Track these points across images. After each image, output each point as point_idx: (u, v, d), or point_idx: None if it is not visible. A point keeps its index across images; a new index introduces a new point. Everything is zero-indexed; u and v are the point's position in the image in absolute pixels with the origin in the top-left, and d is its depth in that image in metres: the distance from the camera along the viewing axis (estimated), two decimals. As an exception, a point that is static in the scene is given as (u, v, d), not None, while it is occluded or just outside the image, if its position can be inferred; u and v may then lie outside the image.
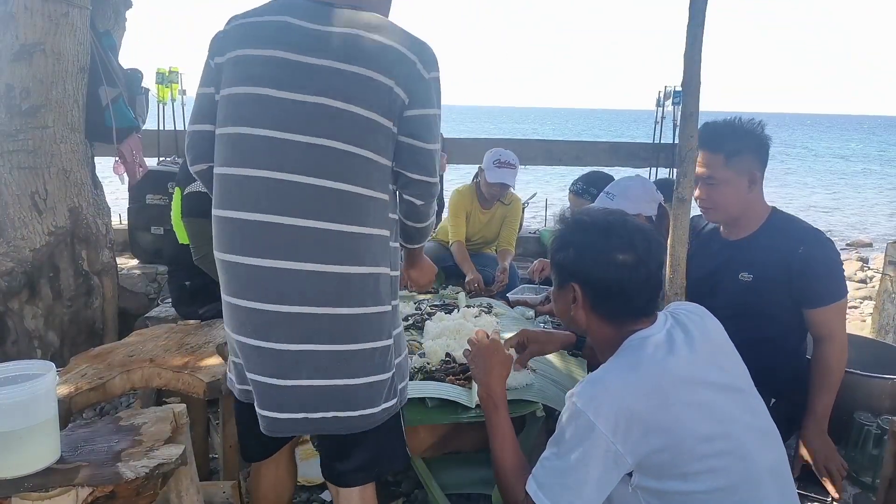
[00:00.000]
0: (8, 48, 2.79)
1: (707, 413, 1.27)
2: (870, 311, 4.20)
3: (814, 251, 1.97)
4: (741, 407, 1.33)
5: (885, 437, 1.86)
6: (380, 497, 2.37)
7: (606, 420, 1.22)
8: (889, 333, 3.63)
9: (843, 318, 2.04)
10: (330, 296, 1.40)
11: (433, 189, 1.54)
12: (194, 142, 1.56)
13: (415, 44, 1.44)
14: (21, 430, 1.28)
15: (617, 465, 1.25)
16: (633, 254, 1.35)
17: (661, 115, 5.55)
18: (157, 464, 1.38)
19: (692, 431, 1.24)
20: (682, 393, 1.26)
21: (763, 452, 1.31)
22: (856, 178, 24.77)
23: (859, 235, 12.04)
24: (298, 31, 1.41)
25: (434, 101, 1.48)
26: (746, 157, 2.02)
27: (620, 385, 1.26)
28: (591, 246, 1.39)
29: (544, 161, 5.94)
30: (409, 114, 1.44)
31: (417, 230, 1.61)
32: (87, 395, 1.89)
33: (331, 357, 1.42)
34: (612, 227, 1.40)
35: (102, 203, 3.29)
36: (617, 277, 1.36)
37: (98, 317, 3.19)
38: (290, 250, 1.37)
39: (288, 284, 1.38)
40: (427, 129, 1.48)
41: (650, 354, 1.31)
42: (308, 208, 1.37)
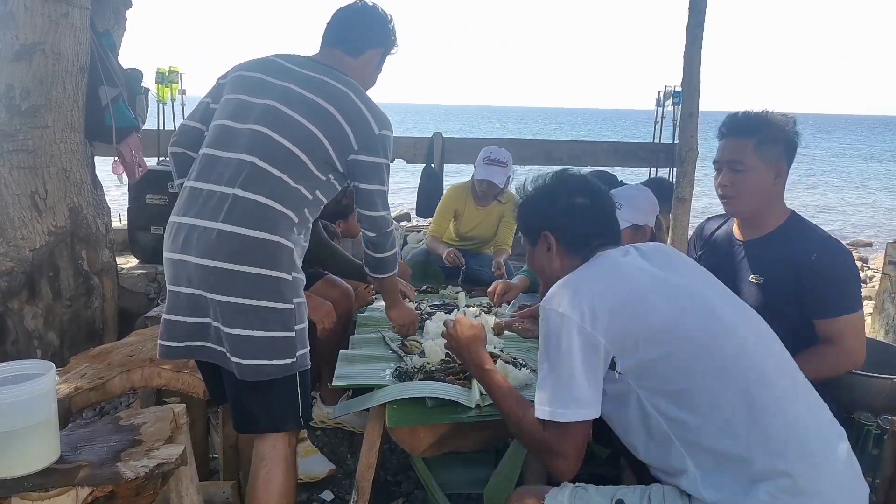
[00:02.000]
0: (8, 48, 2.79)
1: (673, 290, 1.40)
2: (870, 311, 4.20)
3: (827, 259, 1.89)
4: (722, 296, 1.47)
5: (885, 437, 1.86)
6: (380, 497, 2.37)
7: (572, 307, 1.34)
8: (889, 333, 3.64)
9: (855, 331, 1.92)
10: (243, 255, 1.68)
11: (379, 222, 1.95)
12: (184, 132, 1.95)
13: (372, 108, 1.84)
14: (21, 430, 1.28)
15: (594, 348, 1.33)
16: (588, 195, 1.58)
17: (661, 115, 5.55)
18: (157, 464, 1.38)
19: (655, 306, 1.35)
20: (644, 276, 1.42)
21: (747, 328, 1.42)
22: (860, 177, 24.77)
23: (859, 235, 12.04)
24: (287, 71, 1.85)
25: (381, 152, 1.87)
26: (776, 148, 1.95)
27: (579, 278, 1.42)
28: (552, 197, 1.61)
29: (544, 161, 5.93)
30: (357, 158, 1.83)
31: (375, 259, 2.04)
32: (86, 395, 1.89)
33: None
34: (564, 180, 1.64)
35: (102, 203, 3.29)
36: (580, 214, 1.56)
37: (98, 317, 3.19)
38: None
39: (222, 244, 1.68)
40: (376, 173, 1.88)
41: (610, 255, 1.50)
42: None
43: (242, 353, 1.65)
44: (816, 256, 1.89)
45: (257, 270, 1.65)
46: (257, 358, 1.67)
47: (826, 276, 1.88)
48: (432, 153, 5.33)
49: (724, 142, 2.00)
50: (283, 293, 1.70)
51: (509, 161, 3.71)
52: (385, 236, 2.00)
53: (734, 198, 2.01)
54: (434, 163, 5.33)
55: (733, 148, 1.96)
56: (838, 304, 1.89)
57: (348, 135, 1.80)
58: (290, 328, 1.71)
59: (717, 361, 1.31)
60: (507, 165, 3.69)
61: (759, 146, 1.94)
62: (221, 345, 1.69)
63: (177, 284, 1.71)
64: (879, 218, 15.11)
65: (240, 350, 1.65)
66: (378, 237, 1.99)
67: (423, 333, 2.43)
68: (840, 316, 1.89)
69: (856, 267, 1.97)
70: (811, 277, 1.89)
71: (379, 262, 2.06)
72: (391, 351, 2.31)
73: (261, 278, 1.66)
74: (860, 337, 1.92)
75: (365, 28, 1.96)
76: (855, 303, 1.92)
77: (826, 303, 1.89)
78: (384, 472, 2.57)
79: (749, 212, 2.03)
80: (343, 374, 2.10)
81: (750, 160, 1.95)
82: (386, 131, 1.89)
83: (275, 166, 1.70)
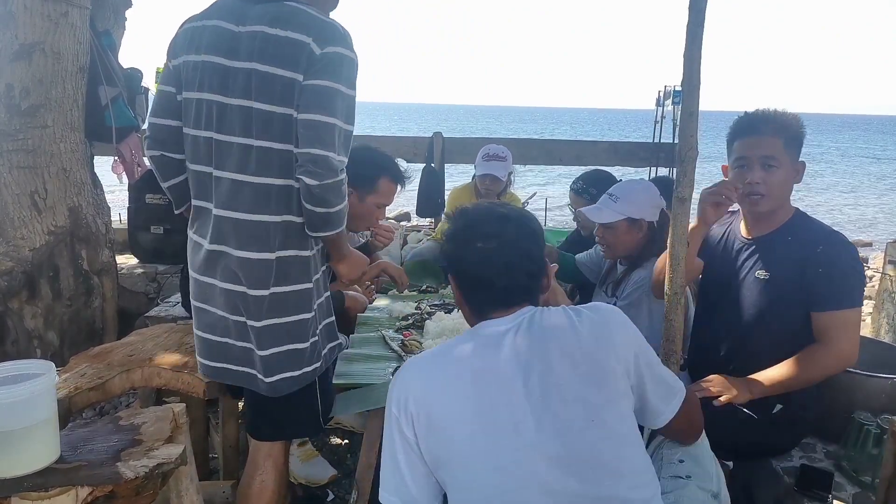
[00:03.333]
0: (7, 48, 2.79)
1: (472, 405, 1.24)
2: (870, 310, 4.20)
3: (832, 252, 1.89)
4: (528, 417, 1.22)
5: (884, 437, 1.85)
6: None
7: (393, 398, 1.29)
8: (889, 333, 3.64)
9: (849, 328, 1.89)
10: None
11: (328, 162, 1.55)
12: (156, 132, 1.76)
13: (312, 27, 1.57)
14: (21, 430, 1.28)
15: (411, 447, 1.27)
16: (494, 241, 1.35)
17: (661, 115, 5.54)
18: (157, 463, 1.38)
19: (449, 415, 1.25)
20: (461, 383, 1.26)
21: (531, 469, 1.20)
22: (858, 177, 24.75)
23: (859, 235, 12.05)
24: (224, 34, 1.62)
25: (333, 76, 1.56)
26: (798, 148, 1.98)
27: (414, 370, 1.33)
28: (455, 235, 1.41)
29: (544, 161, 5.93)
30: (305, 84, 1.56)
31: (318, 216, 1.63)
32: (86, 395, 1.88)
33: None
34: (478, 216, 1.41)
35: (102, 203, 3.29)
36: (475, 263, 1.35)
37: (98, 316, 3.19)
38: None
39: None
40: (321, 99, 1.56)
41: (458, 345, 1.33)
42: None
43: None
44: (822, 249, 1.90)
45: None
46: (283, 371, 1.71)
47: (829, 269, 1.88)
48: (432, 153, 5.33)
49: (752, 139, 1.97)
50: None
51: (508, 156, 3.73)
52: (330, 189, 1.58)
53: (764, 195, 1.97)
54: (434, 163, 5.33)
55: (767, 145, 1.94)
56: (838, 298, 1.88)
57: (297, 80, 1.57)
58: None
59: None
60: (506, 160, 3.71)
61: (788, 145, 1.96)
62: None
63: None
64: (879, 218, 15.11)
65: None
66: (321, 188, 1.57)
67: (423, 333, 2.43)
68: (838, 310, 1.87)
69: (859, 262, 1.95)
70: (815, 269, 1.89)
71: (324, 219, 1.65)
72: (391, 350, 2.31)
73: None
74: (855, 335, 1.91)
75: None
76: (854, 297, 1.90)
77: (826, 295, 1.88)
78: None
79: (772, 208, 2.01)
80: (343, 374, 2.10)
81: (781, 158, 1.95)
82: (335, 48, 1.57)
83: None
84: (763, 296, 1.98)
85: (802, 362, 1.89)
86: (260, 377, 1.71)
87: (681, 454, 1.47)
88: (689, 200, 1.85)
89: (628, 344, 1.32)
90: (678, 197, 1.84)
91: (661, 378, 1.37)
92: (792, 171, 1.98)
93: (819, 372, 1.90)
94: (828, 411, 2.11)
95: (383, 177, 2.49)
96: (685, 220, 1.86)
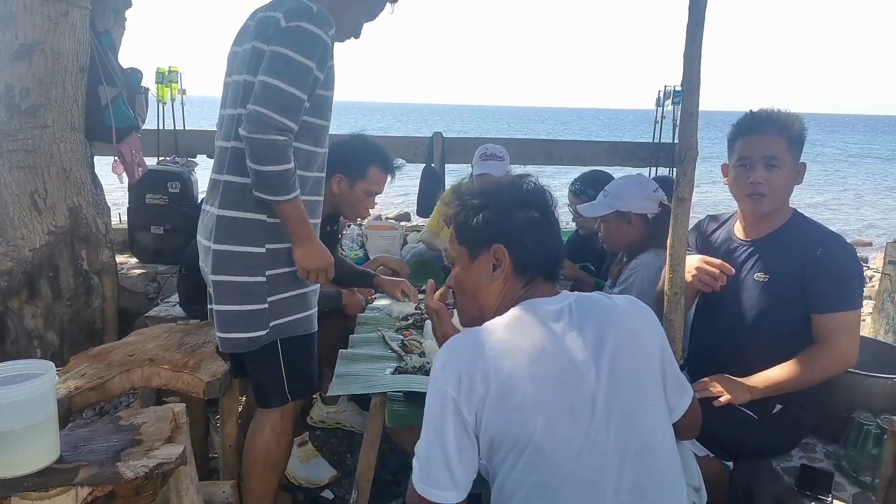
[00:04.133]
0: (7, 48, 2.79)
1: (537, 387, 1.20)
2: (869, 310, 4.20)
3: (832, 254, 1.88)
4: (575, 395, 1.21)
5: (884, 437, 1.85)
6: (380, 497, 2.37)
7: (451, 377, 1.21)
8: (889, 333, 3.63)
9: (849, 330, 1.88)
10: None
11: (261, 118, 1.63)
12: None
13: (287, 4, 1.72)
14: (21, 430, 1.28)
15: (466, 433, 1.21)
16: (541, 210, 1.36)
17: (661, 115, 5.54)
18: (157, 463, 1.38)
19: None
20: (524, 361, 1.21)
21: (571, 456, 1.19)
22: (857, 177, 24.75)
23: (859, 235, 12.04)
24: (244, 26, 1.88)
25: (286, 42, 1.67)
26: (800, 148, 1.97)
27: (473, 345, 1.25)
28: (509, 204, 1.35)
29: (544, 161, 5.93)
30: (266, 51, 1.70)
31: (255, 172, 1.69)
32: (86, 395, 1.88)
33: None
34: (517, 185, 1.39)
35: (102, 203, 3.29)
36: (538, 231, 1.34)
37: (98, 316, 3.19)
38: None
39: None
40: (270, 63, 1.67)
41: (514, 322, 1.28)
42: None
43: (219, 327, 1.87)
44: (822, 251, 1.89)
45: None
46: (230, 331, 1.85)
47: (829, 271, 1.87)
48: (432, 153, 5.33)
49: (755, 138, 1.96)
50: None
51: (506, 156, 3.73)
52: (259, 144, 1.65)
53: (767, 196, 1.96)
54: (434, 163, 5.33)
55: (770, 144, 1.93)
56: (838, 300, 1.88)
57: (264, 49, 1.71)
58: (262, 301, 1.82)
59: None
60: (504, 160, 3.70)
61: (791, 145, 1.95)
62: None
63: None
64: (879, 218, 15.11)
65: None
66: (250, 142, 1.66)
67: (423, 333, 2.43)
68: (838, 312, 1.87)
69: (859, 264, 1.95)
70: (815, 271, 1.88)
71: (258, 176, 1.70)
72: (391, 350, 2.31)
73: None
74: (854, 336, 1.90)
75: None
76: (854, 299, 1.90)
77: (826, 297, 1.88)
78: (384, 472, 2.57)
79: (773, 209, 2.00)
80: (343, 373, 2.10)
81: (785, 158, 1.95)
82: (302, 23, 1.67)
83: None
84: (762, 298, 1.97)
85: (803, 363, 1.89)
86: (217, 332, 1.88)
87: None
88: (689, 200, 1.85)
89: (659, 338, 1.35)
90: (678, 197, 1.84)
91: (677, 375, 1.40)
92: (793, 171, 1.98)
93: (820, 373, 1.90)
94: (828, 411, 2.11)
95: (373, 165, 2.54)
96: (685, 220, 1.86)
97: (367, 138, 2.64)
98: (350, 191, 2.55)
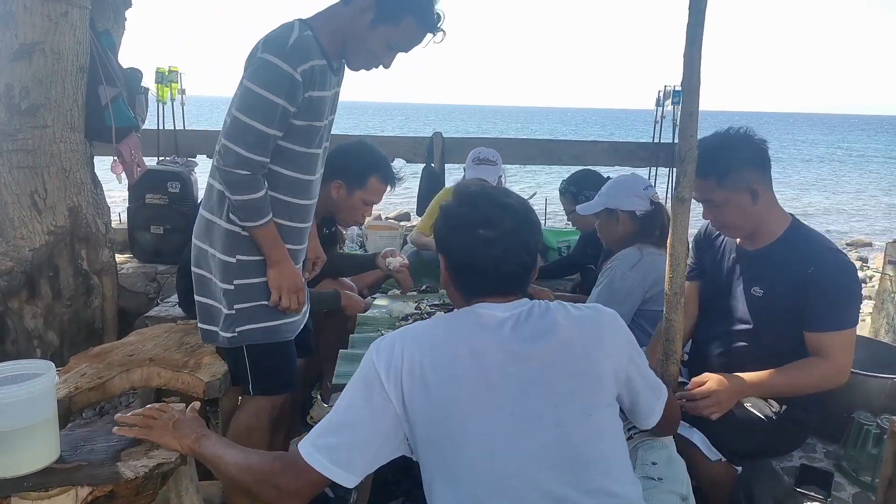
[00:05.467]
0: (7, 47, 2.79)
1: (463, 392, 1.22)
2: (870, 310, 4.20)
3: (824, 273, 1.84)
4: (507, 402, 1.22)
5: (884, 437, 1.85)
6: (380, 497, 2.37)
7: (383, 364, 1.24)
8: (889, 333, 3.63)
9: (842, 348, 1.86)
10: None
11: (229, 153, 1.72)
12: None
13: (268, 36, 1.74)
14: (21, 430, 1.28)
15: (382, 415, 1.23)
16: (494, 230, 1.31)
17: (661, 115, 5.54)
18: (157, 463, 1.38)
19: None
20: (455, 361, 1.23)
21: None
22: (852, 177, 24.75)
23: (859, 235, 12.04)
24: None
25: (253, 77, 1.70)
26: (740, 173, 1.91)
27: (410, 337, 1.27)
28: (456, 217, 1.36)
29: (544, 161, 5.92)
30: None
31: (229, 200, 1.81)
32: (86, 395, 1.88)
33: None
34: (482, 202, 1.36)
35: (102, 202, 3.29)
36: (471, 249, 1.32)
37: (98, 316, 3.19)
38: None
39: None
40: (238, 97, 1.74)
41: (455, 321, 1.31)
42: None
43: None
44: (813, 269, 1.85)
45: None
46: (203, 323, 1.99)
47: (821, 291, 1.84)
48: (432, 153, 5.33)
49: (695, 181, 1.97)
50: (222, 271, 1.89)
51: (499, 160, 3.76)
52: (226, 176, 1.76)
53: (725, 228, 2.05)
54: (434, 163, 5.33)
55: (700, 188, 1.93)
56: (831, 320, 1.85)
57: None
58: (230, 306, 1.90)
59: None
60: (496, 164, 3.73)
61: (722, 181, 1.92)
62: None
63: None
64: (880, 218, 15.11)
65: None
66: (220, 170, 1.78)
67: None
68: (831, 331, 1.84)
69: (855, 282, 1.90)
70: (807, 290, 1.85)
71: (230, 202, 1.81)
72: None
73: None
74: (848, 354, 1.87)
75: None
76: (849, 319, 1.86)
77: (819, 317, 1.85)
78: (384, 472, 2.57)
79: (745, 234, 2.03)
80: (343, 373, 2.10)
81: (718, 196, 1.94)
82: (270, 56, 1.68)
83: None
84: (758, 312, 1.96)
85: (797, 371, 1.88)
86: (198, 323, 2.04)
87: (654, 457, 1.51)
88: (689, 200, 1.85)
89: (622, 347, 1.33)
90: (678, 197, 1.84)
91: (651, 380, 1.40)
92: (742, 199, 1.92)
93: (812, 383, 1.88)
94: (828, 411, 2.11)
95: (374, 175, 2.52)
96: (685, 220, 1.85)
97: (371, 146, 2.62)
98: (347, 198, 2.53)
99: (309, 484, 1.23)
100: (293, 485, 1.23)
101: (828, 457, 2.13)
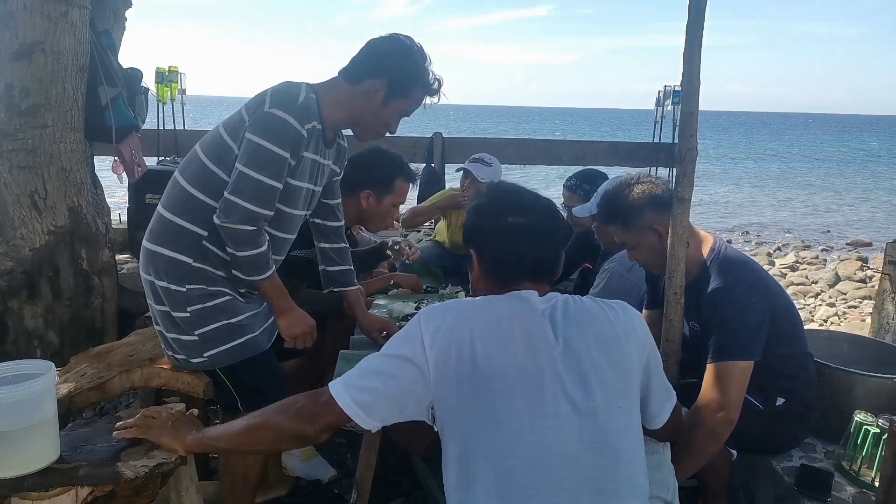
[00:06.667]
0: (7, 47, 2.79)
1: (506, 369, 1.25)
2: (869, 310, 4.20)
3: (714, 301, 1.86)
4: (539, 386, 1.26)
5: (884, 437, 1.86)
6: (379, 497, 2.37)
7: (431, 329, 1.27)
8: (888, 333, 3.64)
9: (721, 381, 1.78)
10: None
11: (235, 207, 1.73)
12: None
13: (274, 91, 1.80)
14: (21, 430, 1.28)
15: (416, 387, 1.27)
16: (525, 216, 1.38)
17: (661, 115, 5.54)
18: (157, 463, 1.38)
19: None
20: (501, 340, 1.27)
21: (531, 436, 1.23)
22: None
23: (859, 235, 12.04)
24: None
25: (263, 133, 1.73)
26: (643, 216, 1.96)
27: (463, 307, 1.32)
28: (486, 208, 1.44)
29: (544, 161, 5.93)
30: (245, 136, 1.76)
31: (231, 255, 1.81)
32: (86, 395, 1.89)
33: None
34: (511, 191, 1.46)
35: (102, 203, 3.29)
36: (505, 235, 1.37)
37: (98, 316, 3.19)
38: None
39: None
40: (246, 153, 1.74)
41: (500, 302, 1.33)
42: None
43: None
44: (708, 296, 1.88)
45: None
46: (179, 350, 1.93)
47: (712, 318, 1.87)
48: (432, 153, 5.33)
49: (604, 225, 2.06)
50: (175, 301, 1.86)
51: (495, 163, 3.84)
52: (228, 232, 1.78)
53: (646, 266, 2.11)
54: (434, 163, 5.34)
55: (614, 233, 2.05)
56: (715, 348, 1.83)
57: (244, 117, 1.80)
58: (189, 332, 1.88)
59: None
60: (491, 166, 3.81)
61: (626, 226, 2.00)
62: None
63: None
64: (879, 217, 15.12)
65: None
66: (223, 227, 1.77)
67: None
68: (717, 362, 1.82)
69: (748, 311, 1.83)
70: (705, 319, 1.90)
71: (238, 262, 1.83)
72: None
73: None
74: (729, 388, 1.79)
75: (368, 56, 1.87)
76: (733, 350, 1.81)
77: (710, 346, 1.85)
78: (384, 472, 2.57)
79: (664, 270, 1.98)
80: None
81: (629, 239, 2.02)
82: (279, 112, 1.73)
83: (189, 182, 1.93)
84: (695, 345, 1.99)
85: (685, 451, 1.79)
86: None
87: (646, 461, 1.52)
88: (688, 200, 1.85)
89: (646, 345, 1.38)
90: (678, 197, 1.85)
91: (664, 382, 1.44)
92: (649, 239, 1.98)
93: (701, 452, 1.82)
94: (828, 411, 2.11)
95: (399, 178, 2.59)
96: (685, 220, 1.86)
97: (387, 150, 2.67)
98: (378, 205, 2.60)
99: (328, 412, 1.28)
100: (313, 409, 1.29)
101: (828, 457, 2.13)
